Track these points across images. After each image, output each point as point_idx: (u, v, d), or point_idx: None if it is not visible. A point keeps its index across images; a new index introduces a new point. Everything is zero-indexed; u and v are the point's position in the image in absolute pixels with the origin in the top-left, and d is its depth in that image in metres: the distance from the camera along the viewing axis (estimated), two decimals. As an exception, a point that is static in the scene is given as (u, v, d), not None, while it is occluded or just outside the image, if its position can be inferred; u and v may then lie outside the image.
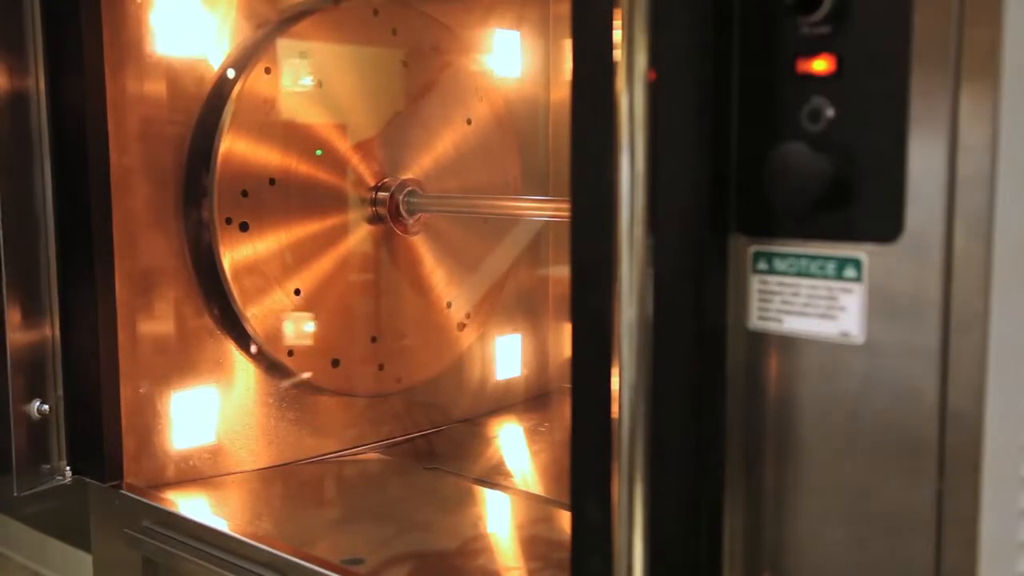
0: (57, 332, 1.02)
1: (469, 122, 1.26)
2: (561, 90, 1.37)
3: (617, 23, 0.51)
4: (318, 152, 1.13)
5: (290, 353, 1.11)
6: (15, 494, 1.00)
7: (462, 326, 1.29)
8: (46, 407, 1.02)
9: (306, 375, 1.13)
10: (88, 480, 1.03)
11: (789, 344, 0.52)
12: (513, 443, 1.27)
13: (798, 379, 0.52)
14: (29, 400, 1.01)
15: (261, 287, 1.09)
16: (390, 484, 1.15)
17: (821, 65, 0.50)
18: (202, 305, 1.08)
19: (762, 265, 0.53)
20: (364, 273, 1.19)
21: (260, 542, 0.91)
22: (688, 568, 0.53)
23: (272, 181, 1.09)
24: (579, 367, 0.57)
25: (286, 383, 1.12)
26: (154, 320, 1.04)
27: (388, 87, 1.21)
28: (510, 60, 1.32)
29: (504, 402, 1.37)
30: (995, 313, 0.46)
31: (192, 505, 1.01)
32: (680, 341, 0.53)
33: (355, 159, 1.17)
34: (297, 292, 1.12)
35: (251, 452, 1.13)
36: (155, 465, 1.05)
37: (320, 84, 1.13)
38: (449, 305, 1.28)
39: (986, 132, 0.45)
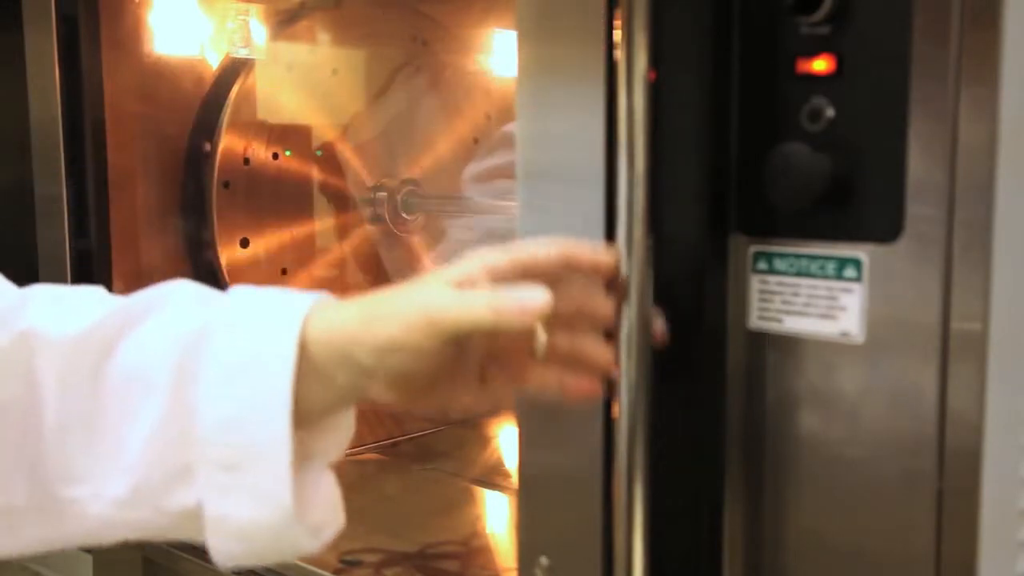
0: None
1: (469, 122, 1.26)
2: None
3: (617, 23, 0.51)
4: (318, 152, 1.13)
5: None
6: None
7: None
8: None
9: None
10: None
11: (789, 344, 0.52)
12: (512, 443, 1.27)
13: (798, 379, 0.52)
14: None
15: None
16: (389, 484, 1.14)
17: (821, 65, 0.50)
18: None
19: (762, 265, 0.53)
20: (336, 266, 1.18)
21: (259, 542, 0.90)
22: (688, 568, 0.53)
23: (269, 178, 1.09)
24: (579, 367, 0.57)
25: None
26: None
27: (386, 87, 1.20)
28: (510, 60, 1.32)
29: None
30: (995, 313, 0.46)
31: (191, 505, 1.01)
32: (680, 341, 0.53)
33: (354, 159, 1.17)
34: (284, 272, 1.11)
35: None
36: (154, 465, 1.05)
37: (319, 84, 1.13)
38: None
39: (986, 132, 0.45)
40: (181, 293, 0.54)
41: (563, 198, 0.56)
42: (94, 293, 0.56)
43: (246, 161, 1.07)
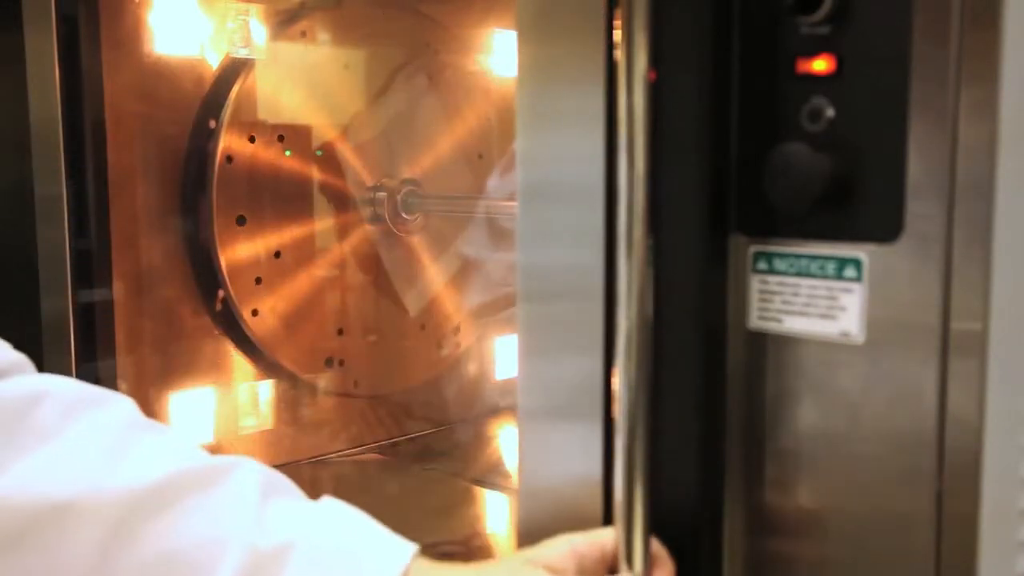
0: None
1: (469, 122, 1.26)
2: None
3: (617, 23, 0.51)
4: (318, 152, 1.13)
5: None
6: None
7: (330, 361, 1.23)
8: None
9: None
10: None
11: (789, 344, 0.52)
12: (513, 443, 1.27)
13: (798, 379, 0.52)
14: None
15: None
16: (389, 484, 1.14)
17: (821, 65, 0.50)
18: (200, 304, 1.08)
19: (762, 265, 0.53)
20: (332, 265, 1.18)
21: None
22: (688, 568, 0.53)
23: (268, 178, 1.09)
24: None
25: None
26: (152, 320, 1.04)
27: (385, 87, 1.20)
28: (510, 60, 1.32)
29: (504, 402, 1.37)
30: (995, 313, 0.46)
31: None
32: (680, 341, 0.53)
33: (354, 159, 1.17)
34: (278, 255, 1.11)
35: (250, 453, 1.12)
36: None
37: (318, 84, 1.13)
38: (341, 332, 1.23)
39: (986, 132, 0.45)
40: (246, 473, 0.55)
41: (563, 199, 0.56)
42: (122, 411, 0.56)
43: (252, 139, 1.07)
